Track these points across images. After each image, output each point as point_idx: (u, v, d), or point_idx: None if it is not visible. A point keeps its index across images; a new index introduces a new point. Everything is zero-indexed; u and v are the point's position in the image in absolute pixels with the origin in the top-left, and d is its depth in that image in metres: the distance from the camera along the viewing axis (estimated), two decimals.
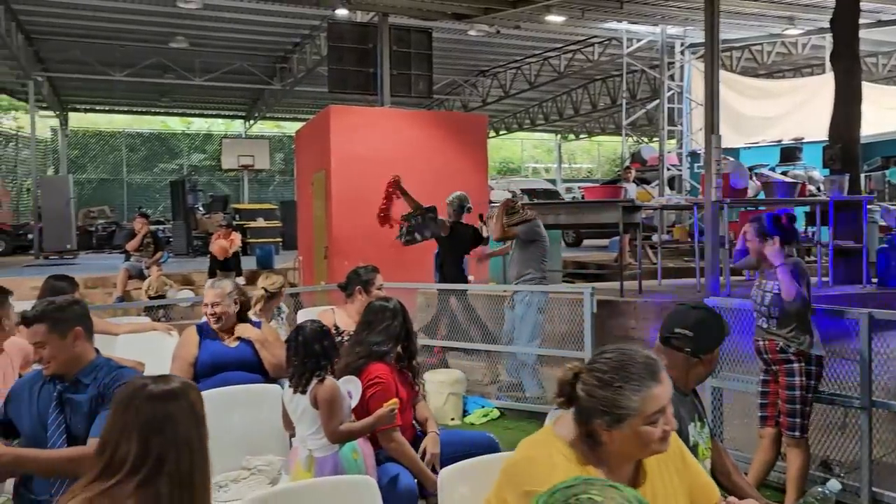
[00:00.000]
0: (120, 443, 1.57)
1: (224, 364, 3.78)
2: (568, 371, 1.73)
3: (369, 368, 3.19)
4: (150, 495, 1.54)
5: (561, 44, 16.28)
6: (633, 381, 1.65)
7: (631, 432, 1.64)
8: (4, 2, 12.80)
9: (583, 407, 1.68)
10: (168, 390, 1.63)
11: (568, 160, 34.52)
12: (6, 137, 23.54)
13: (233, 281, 4.08)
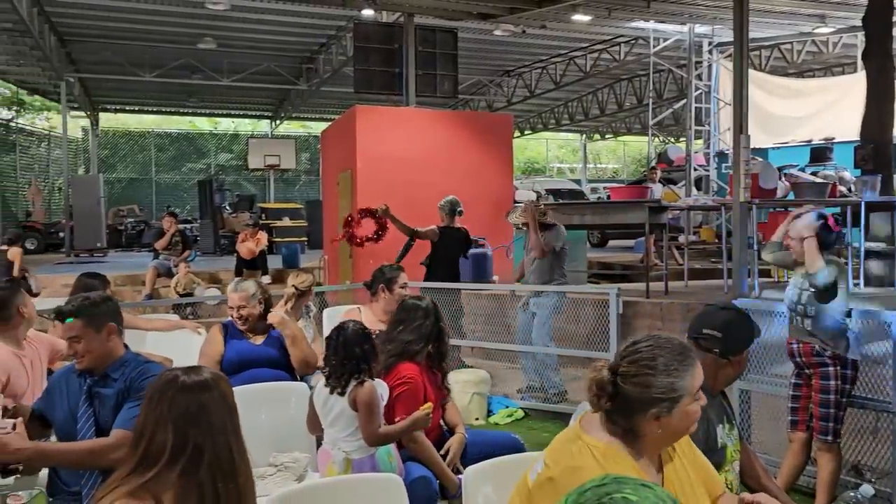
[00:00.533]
0: (155, 434, 1.58)
1: (250, 361, 3.82)
2: (602, 370, 1.68)
3: (399, 367, 3.19)
4: (191, 486, 1.55)
5: (587, 43, 16.20)
6: (684, 362, 1.66)
7: (681, 414, 1.65)
8: (38, 4, 13.04)
9: (630, 400, 1.64)
10: (200, 381, 1.65)
11: (593, 160, 34.32)
12: (39, 137, 23.98)
13: (255, 281, 4.10)
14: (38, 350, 3.66)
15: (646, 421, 1.65)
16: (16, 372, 3.41)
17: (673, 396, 1.64)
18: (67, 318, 2.60)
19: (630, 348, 1.71)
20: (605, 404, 1.67)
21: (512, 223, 7.29)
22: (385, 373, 3.15)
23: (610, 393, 1.66)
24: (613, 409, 1.67)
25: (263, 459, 3.28)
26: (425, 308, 3.38)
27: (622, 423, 1.67)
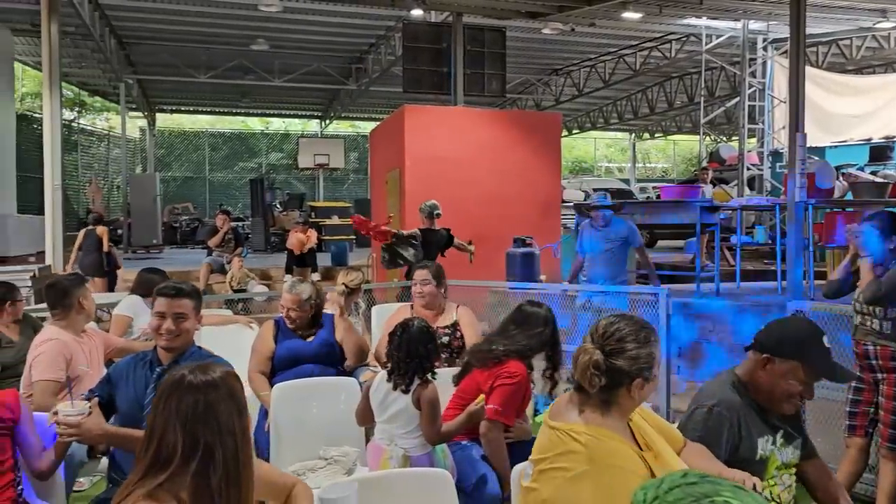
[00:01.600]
0: (165, 434, 1.57)
1: (301, 357, 3.89)
2: (594, 352, 1.84)
3: (509, 363, 3.17)
4: (202, 486, 1.55)
5: (637, 41, 16.00)
6: (652, 333, 1.89)
7: (654, 379, 1.86)
8: (99, 8, 13.49)
9: (621, 374, 1.82)
10: (208, 380, 1.63)
11: (642, 159, 33.87)
12: (99, 137, 24.79)
13: (312, 285, 4.14)
14: (95, 342, 3.83)
15: (626, 391, 1.84)
16: (77, 356, 3.60)
17: (652, 363, 1.85)
18: (181, 296, 2.76)
19: (609, 329, 1.87)
20: (601, 382, 1.82)
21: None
22: (494, 363, 3.16)
23: (604, 370, 1.82)
24: (604, 387, 1.83)
25: (313, 452, 3.35)
26: (545, 316, 3.38)
27: (601, 397, 1.84)
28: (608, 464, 1.76)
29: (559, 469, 1.81)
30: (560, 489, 1.79)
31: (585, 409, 1.86)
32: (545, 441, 1.90)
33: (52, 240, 10.15)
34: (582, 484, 1.76)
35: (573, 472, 1.78)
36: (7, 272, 9.49)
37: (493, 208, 9.35)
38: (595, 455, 1.77)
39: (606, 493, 1.73)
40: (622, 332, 1.86)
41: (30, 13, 13.41)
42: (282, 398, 3.48)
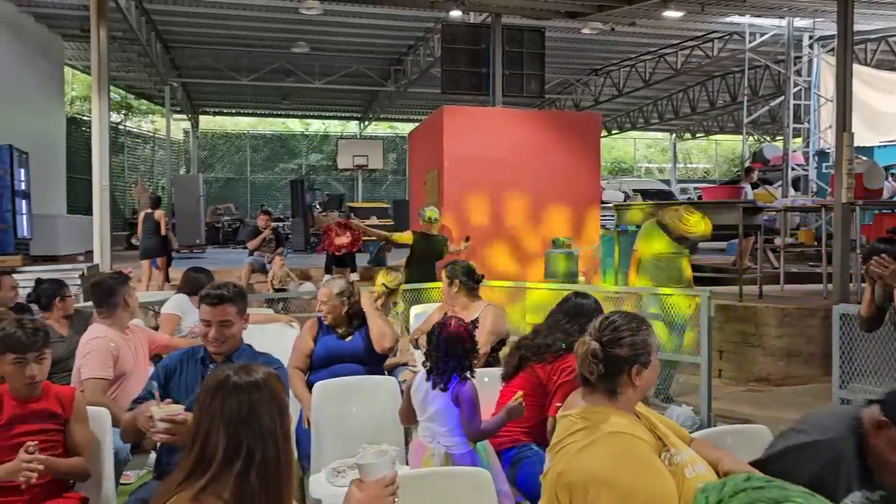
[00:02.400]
0: (209, 435, 1.57)
1: (337, 356, 3.94)
2: (591, 343, 1.98)
3: (569, 357, 3.16)
4: (243, 488, 1.54)
5: (678, 40, 15.80)
6: (644, 323, 2.03)
7: (652, 367, 1.99)
8: (146, 13, 13.82)
9: (618, 361, 1.95)
10: (252, 381, 1.63)
11: (683, 160, 33.40)
12: (144, 139, 25.37)
13: (345, 281, 4.18)
14: (140, 338, 3.93)
15: (627, 378, 1.96)
16: (124, 352, 3.70)
17: (647, 350, 1.98)
18: (225, 303, 2.74)
19: (604, 322, 2.03)
20: (600, 369, 1.95)
21: None
22: (553, 357, 3.17)
23: (601, 358, 1.96)
24: (600, 376, 1.96)
25: (354, 450, 3.38)
26: (594, 308, 3.39)
27: (605, 386, 1.97)
28: (615, 432, 1.88)
29: (569, 446, 1.92)
30: (572, 460, 1.87)
31: (592, 398, 2.00)
32: (558, 429, 2.03)
33: (100, 239, 10.43)
34: (592, 451, 1.86)
35: (582, 444, 1.88)
36: (57, 270, 9.78)
37: (531, 209, 9.33)
38: (601, 427, 1.89)
39: (618, 455, 1.83)
40: (616, 323, 2.01)
41: (79, 19, 13.82)
42: (323, 396, 3.52)
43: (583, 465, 1.84)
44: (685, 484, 1.86)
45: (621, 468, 1.80)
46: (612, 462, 1.81)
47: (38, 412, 2.69)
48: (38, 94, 15.22)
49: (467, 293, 4.47)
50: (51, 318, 4.23)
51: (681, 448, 1.99)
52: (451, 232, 8.53)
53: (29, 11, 14.21)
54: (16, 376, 2.67)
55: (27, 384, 2.67)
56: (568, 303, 3.48)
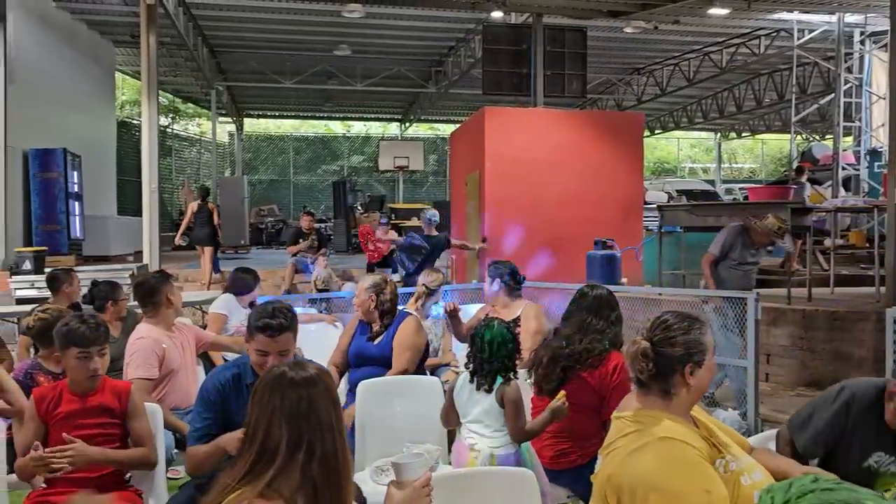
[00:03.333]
0: (270, 430, 1.58)
1: (365, 358, 3.98)
2: (641, 342, 1.98)
3: (612, 356, 3.15)
4: (305, 482, 1.56)
5: (723, 37, 15.53)
6: (699, 323, 2.01)
7: (707, 367, 1.97)
8: (193, 19, 14.13)
9: (670, 360, 1.94)
10: (308, 377, 1.65)
11: (728, 160, 32.80)
12: (191, 142, 25.93)
13: (381, 278, 4.19)
14: (186, 336, 4.00)
15: (681, 378, 1.95)
16: (170, 350, 3.77)
17: (701, 349, 1.96)
18: (283, 332, 2.60)
19: (657, 322, 2.02)
20: (651, 369, 1.95)
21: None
22: (598, 361, 3.13)
23: (651, 358, 1.95)
24: (653, 376, 1.95)
25: (397, 449, 3.42)
26: (609, 298, 3.36)
27: (659, 387, 1.96)
28: (665, 437, 1.86)
29: (619, 449, 1.91)
30: (622, 463, 1.87)
31: (646, 399, 1.98)
32: (611, 431, 2.02)
33: (150, 240, 10.69)
34: (642, 455, 1.84)
35: (632, 447, 1.87)
36: (108, 270, 10.06)
37: (573, 210, 9.27)
38: (652, 430, 1.88)
39: (667, 460, 1.81)
40: (668, 322, 2.00)
41: (129, 25, 14.20)
42: (366, 395, 3.57)
43: (632, 469, 1.84)
44: (740, 491, 1.85)
45: (670, 473, 1.80)
46: (660, 466, 1.81)
47: (94, 407, 2.78)
48: (91, 99, 15.69)
49: (508, 293, 4.47)
50: (103, 319, 4.34)
51: (739, 456, 1.97)
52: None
53: (82, 19, 14.66)
54: (79, 370, 2.77)
55: (90, 377, 2.77)
56: (586, 299, 3.39)
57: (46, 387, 2.86)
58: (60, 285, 5.02)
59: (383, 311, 4.04)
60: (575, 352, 3.20)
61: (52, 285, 5.12)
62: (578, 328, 3.29)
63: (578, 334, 3.26)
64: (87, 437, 2.69)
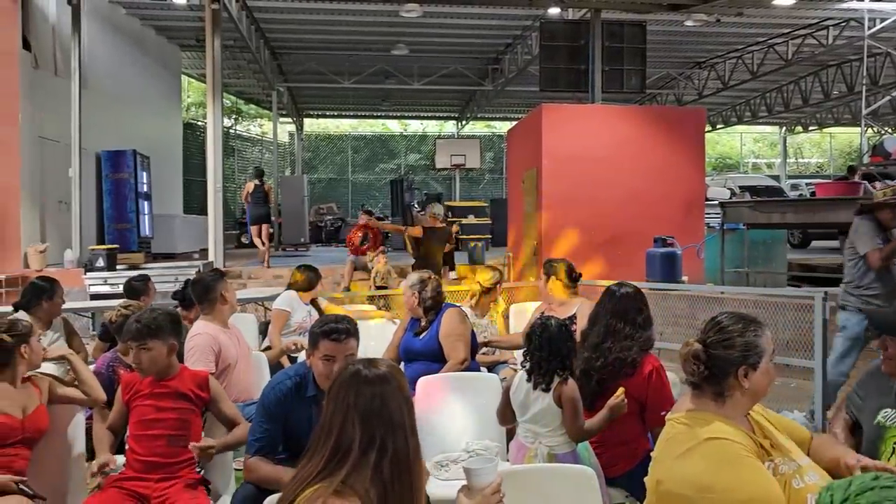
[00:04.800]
0: (344, 428, 1.59)
1: (413, 354, 4.06)
2: (693, 344, 1.96)
3: (646, 361, 3.12)
4: (377, 480, 1.57)
5: (789, 29, 15.06)
6: (757, 326, 1.97)
7: (763, 370, 1.94)
8: (255, 21, 14.47)
9: (723, 362, 1.92)
10: (380, 374, 1.67)
11: (794, 154, 31.78)
12: (252, 142, 26.55)
13: (420, 275, 4.23)
14: (237, 333, 4.11)
15: (735, 381, 1.92)
16: (225, 345, 3.88)
17: (757, 352, 1.93)
18: (350, 337, 2.66)
19: (710, 323, 2.00)
20: (703, 371, 1.93)
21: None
22: (632, 369, 3.08)
23: (704, 360, 1.93)
24: (706, 377, 1.94)
25: (456, 445, 3.47)
26: (636, 294, 3.33)
27: (712, 389, 1.94)
28: (711, 438, 1.84)
29: (668, 451, 1.91)
30: (669, 468, 1.86)
31: (699, 401, 1.97)
32: (662, 433, 2.01)
33: (214, 238, 11.00)
34: (689, 458, 1.83)
35: (679, 451, 1.86)
36: (175, 268, 10.43)
37: (633, 207, 9.16)
38: (698, 433, 1.86)
39: (713, 460, 1.80)
40: (722, 323, 1.97)
41: (195, 30, 14.63)
42: (426, 390, 3.62)
43: (679, 474, 1.83)
44: (791, 494, 1.82)
45: (718, 472, 1.79)
46: (707, 467, 1.80)
47: (171, 392, 2.94)
48: (159, 101, 16.24)
49: (563, 291, 4.44)
50: (188, 317, 4.45)
51: (795, 458, 1.94)
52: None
53: (151, 25, 15.18)
54: (136, 359, 2.97)
55: (138, 367, 2.96)
56: (612, 301, 3.33)
57: (134, 373, 3.03)
58: (138, 297, 5.13)
59: (426, 307, 4.11)
60: (607, 363, 3.14)
61: (129, 295, 5.13)
62: (606, 335, 3.22)
63: (607, 342, 3.20)
64: (164, 419, 2.87)
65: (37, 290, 4.47)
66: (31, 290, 4.49)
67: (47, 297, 4.44)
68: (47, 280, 4.57)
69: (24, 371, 2.90)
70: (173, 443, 2.86)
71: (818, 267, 10.71)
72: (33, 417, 2.84)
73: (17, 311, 4.44)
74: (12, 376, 2.85)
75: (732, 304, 6.24)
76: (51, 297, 4.46)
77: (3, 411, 2.76)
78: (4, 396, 2.80)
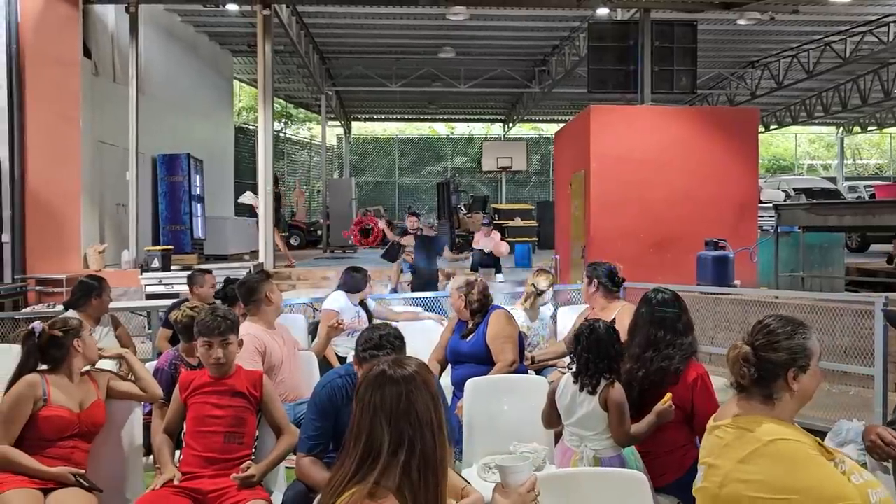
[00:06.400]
0: (374, 429, 1.60)
1: (460, 356, 4.05)
2: (742, 347, 1.95)
3: (689, 368, 3.05)
4: (405, 480, 1.57)
5: (847, 26, 14.63)
6: (805, 328, 1.96)
7: (811, 373, 1.92)
8: (305, 27, 14.70)
9: (772, 365, 1.91)
10: (406, 374, 1.66)
11: (852, 155, 30.83)
12: (301, 145, 26.97)
13: (475, 279, 4.22)
14: (283, 334, 4.16)
15: (784, 383, 1.91)
16: (270, 345, 3.94)
17: (805, 355, 1.92)
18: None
19: (758, 326, 1.98)
20: (753, 374, 1.91)
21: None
22: (676, 377, 3.01)
23: (753, 363, 1.91)
24: (754, 381, 1.92)
25: (504, 447, 3.46)
26: (675, 300, 3.23)
27: (761, 392, 1.92)
28: (775, 439, 1.82)
29: (725, 458, 1.87)
30: (735, 472, 1.82)
31: (747, 405, 1.94)
32: (709, 441, 1.97)
33: (265, 240, 11.19)
34: (759, 461, 1.80)
35: (741, 455, 1.83)
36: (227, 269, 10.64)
37: (683, 209, 9.02)
38: (757, 436, 1.83)
39: (783, 460, 1.78)
40: (770, 326, 1.96)
41: (246, 36, 14.94)
42: (474, 393, 3.62)
43: (748, 477, 1.80)
44: None
45: (795, 473, 1.76)
46: (784, 469, 1.77)
47: (227, 391, 2.99)
48: (212, 106, 16.63)
49: (605, 294, 4.38)
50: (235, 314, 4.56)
51: (843, 456, 1.92)
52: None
53: (204, 31, 15.56)
54: (204, 357, 3.01)
55: (213, 364, 3.00)
56: (649, 309, 3.23)
57: (191, 372, 3.11)
58: (192, 286, 5.34)
59: (473, 309, 4.11)
60: (650, 373, 3.06)
61: (190, 281, 5.47)
62: (647, 344, 3.13)
63: (648, 351, 3.11)
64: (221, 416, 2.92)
65: (86, 288, 4.59)
66: (80, 289, 4.61)
67: (96, 294, 4.56)
68: (95, 278, 4.70)
69: (80, 366, 3.00)
70: (229, 439, 2.91)
71: (878, 272, 10.36)
72: (90, 412, 2.93)
73: (67, 309, 4.57)
74: (69, 371, 2.95)
75: (787, 309, 6.08)
76: (99, 294, 4.58)
77: (61, 404, 2.86)
78: (62, 391, 2.89)
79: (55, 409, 2.83)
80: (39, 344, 2.92)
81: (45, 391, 2.85)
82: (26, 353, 2.92)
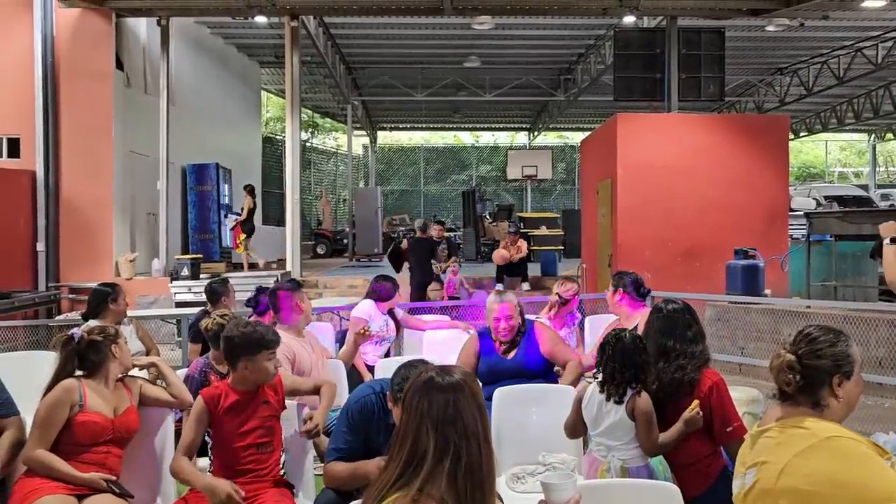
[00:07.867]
0: (419, 435, 1.58)
1: (501, 374, 3.93)
2: (785, 355, 1.96)
3: (704, 377, 3.01)
4: (451, 488, 1.54)
5: (878, 31, 14.42)
6: (845, 336, 1.98)
7: (855, 380, 1.95)
8: (331, 38, 14.84)
9: (817, 372, 1.92)
10: (454, 382, 1.65)
11: (884, 163, 30.30)
12: (328, 155, 27.18)
13: (513, 293, 4.18)
14: (311, 341, 4.20)
15: (829, 390, 1.92)
16: (300, 353, 3.99)
17: (849, 361, 1.94)
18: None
19: (800, 335, 2.00)
20: (798, 381, 1.92)
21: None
22: (691, 387, 2.98)
23: (798, 370, 1.93)
24: (800, 389, 1.93)
25: (533, 457, 3.44)
26: (686, 309, 3.20)
27: (808, 399, 1.93)
28: (832, 436, 1.82)
29: (780, 453, 1.85)
30: (792, 466, 1.81)
31: (794, 411, 1.94)
32: (758, 444, 1.93)
33: (292, 248, 11.29)
34: (813, 456, 1.79)
35: (797, 450, 1.82)
36: (255, 277, 10.74)
37: (712, 218, 8.93)
38: (814, 433, 1.84)
39: (845, 457, 1.77)
40: (812, 335, 1.98)
41: (274, 47, 15.13)
42: (503, 402, 3.60)
43: (805, 471, 1.80)
44: None
45: (851, 469, 1.77)
46: (841, 465, 1.77)
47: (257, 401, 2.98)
48: (240, 116, 16.84)
49: (630, 303, 4.35)
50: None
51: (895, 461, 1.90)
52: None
53: (233, 43, 15.79)
54: (265, 370, 2.97)
55: (272, 374, 3.01)
56: (659, 320, 3.18)
57: (210, 388, 3.10)
58: (219, 298, 5.29)
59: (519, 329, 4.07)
60: (664, 386, 3.01)
61: (211, 298, 5.28)
62: (658, 355, 3.09)
63: (660, 363, 3.07)
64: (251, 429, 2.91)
65: (100, 295, 4.61)
66: (94, 298, 4.63)
67: (112, 299, 4.59)
68: (107, 284, 4.75)
69: (116, 372, 3.03)
70: (261, 450, 2.92)
71: None
72: (124, 418, 2.96)
73: (87, 320, 4.56)
74: (105, 377, 2.98)
75: (819, 319, 5.99)
76: (115, 299, 4.61)
77: (96, 410, 2.89)
78: (98, 396, 2.93)
79: (91, 414, 2.87)
80: (79, 349, 2.96)
81: (82, 396, 2.88)
82: (64, 359, 2.96)
